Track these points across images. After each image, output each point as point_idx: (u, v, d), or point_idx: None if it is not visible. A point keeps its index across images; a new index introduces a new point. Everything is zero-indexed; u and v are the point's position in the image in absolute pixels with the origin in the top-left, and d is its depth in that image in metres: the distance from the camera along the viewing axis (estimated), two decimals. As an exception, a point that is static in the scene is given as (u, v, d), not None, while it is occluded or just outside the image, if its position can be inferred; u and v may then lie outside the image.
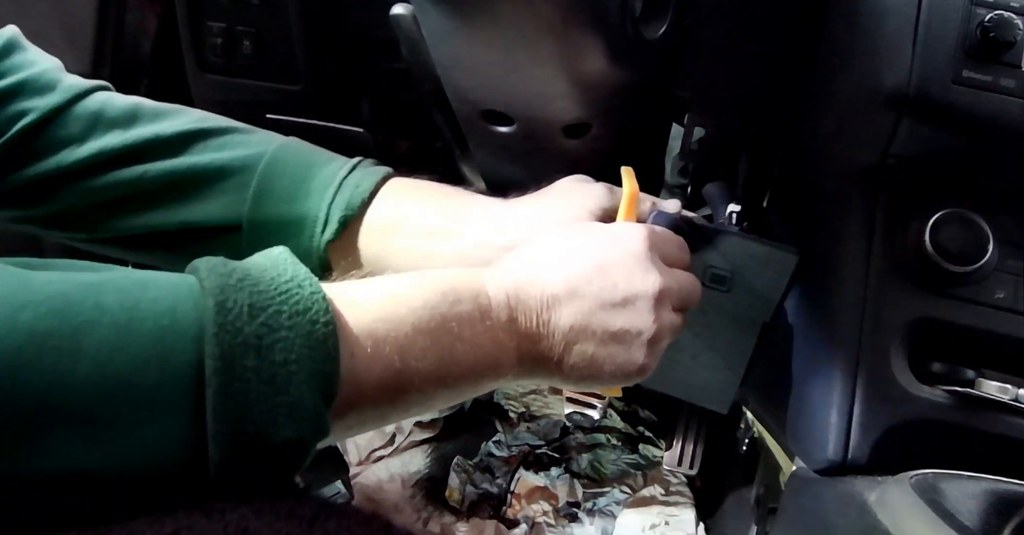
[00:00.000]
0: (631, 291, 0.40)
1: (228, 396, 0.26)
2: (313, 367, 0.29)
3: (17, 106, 0.48)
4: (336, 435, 0.32)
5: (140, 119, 0.50)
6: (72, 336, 0.24)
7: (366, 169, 0.52)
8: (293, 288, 0.30)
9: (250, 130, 0.53)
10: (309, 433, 0.28)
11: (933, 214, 0.45)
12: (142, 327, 0.26)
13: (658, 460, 1.04)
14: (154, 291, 0.27)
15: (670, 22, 0.50)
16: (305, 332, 0.29)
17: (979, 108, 0.44)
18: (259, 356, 0.27)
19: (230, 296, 0.28)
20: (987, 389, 0.43)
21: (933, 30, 0.45)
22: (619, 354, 0.40)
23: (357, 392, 0.32)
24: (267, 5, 0.66)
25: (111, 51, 0.75)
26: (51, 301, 0.25)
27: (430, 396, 0.35)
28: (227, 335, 0.27)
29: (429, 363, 0.34)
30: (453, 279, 0.37)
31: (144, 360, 0.25)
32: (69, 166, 0.48)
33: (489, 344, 0.37)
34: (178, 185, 0.49)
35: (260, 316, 0.28)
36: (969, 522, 0.36)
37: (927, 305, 0.45)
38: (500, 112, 0.51)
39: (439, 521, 0.96)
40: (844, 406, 0.45)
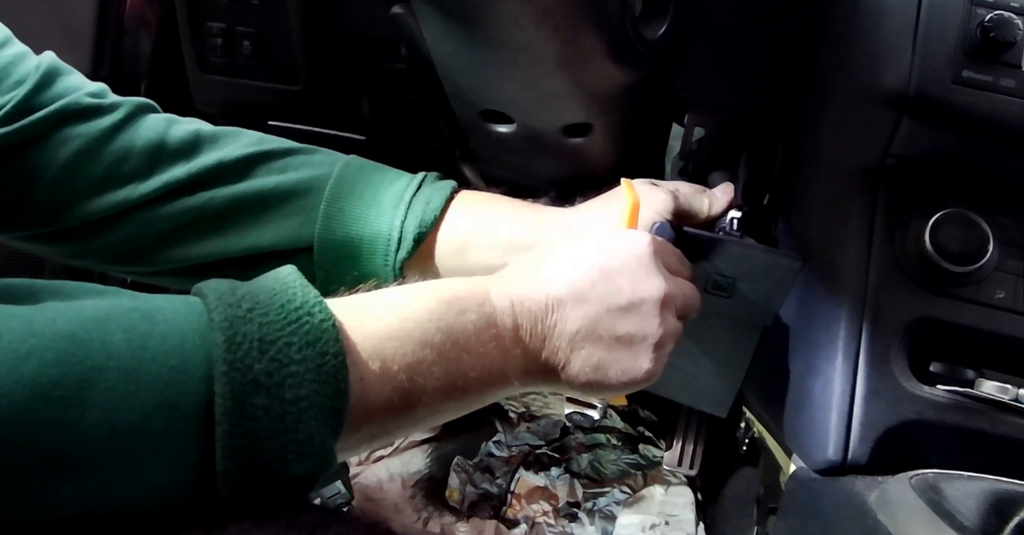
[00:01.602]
0: (637, 295, 0.39)
1: (238, 435, 0.26)
2: (323, 402, 0.28)
3: (62, 133, 0.47)
4: (342, 455, 0.32)
5: (201, 146, 0.50)
6: (79, 386, 0.24)
7: (433, 184, 0.51)
8: (303, 316, 0.29)
9: (311, 150, 0.53)
10: (317, 468, 0.29)
11: (933, 214, 0.45)
12: (150, 370, 0.25)
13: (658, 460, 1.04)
14: (162, 325, 0.27)
15: (670, 22, 0.50)
16: (315, 366, 0.28)
17: (979, 108, 0.44)
18: (269, 395, 0.27)
19: (239, 330, 0.27)
20: (987, 389, 0.43)
21: (933, 30, 0.45)
22: (625, 359, 0.40)
23: (365, 415, 0.31)
24: (267, 5, 0.66)
25: (111, 51, 0.75)
26: (56, 346, 0.24)
27: (437, 410, 0.35)
28: (237, 374, 0.26)
29: (437, 378, 0.34)
30: (457, 288, 0.37)
31: (153, 406, 0.25)
32: (135, 200, 0.48)
33: (495, 353, 0.37)
34: (244, 210, 0.49)
35: (270, 351, 0.28)
36: (969, 522, 0.36)
37: (927, 305, 0.45)
38: (500, 112, 0.51)
39: (439, 521, 0.96)
40: (844, 406, 0.45)
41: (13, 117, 0.46)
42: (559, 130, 0.52)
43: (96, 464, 0.24)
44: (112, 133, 0.48)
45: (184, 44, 0.70)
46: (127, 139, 0.48)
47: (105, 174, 0.48)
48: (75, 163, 0.47)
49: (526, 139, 0.53)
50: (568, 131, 0.52)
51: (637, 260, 0.40)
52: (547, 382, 0.40)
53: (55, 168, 0.47)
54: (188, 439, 0.26)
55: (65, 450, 0.24)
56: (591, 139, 0.53)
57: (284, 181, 0.49)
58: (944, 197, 0.46)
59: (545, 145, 0.53)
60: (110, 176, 0.48)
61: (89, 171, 0.47)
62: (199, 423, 0.26)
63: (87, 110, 0.48)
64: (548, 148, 0.54)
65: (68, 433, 0.24)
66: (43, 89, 0.47)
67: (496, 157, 0.59)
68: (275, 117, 0.71)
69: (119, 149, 0.48)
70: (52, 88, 0.48)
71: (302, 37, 0.67)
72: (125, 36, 0.76)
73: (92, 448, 0.24)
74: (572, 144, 0.53)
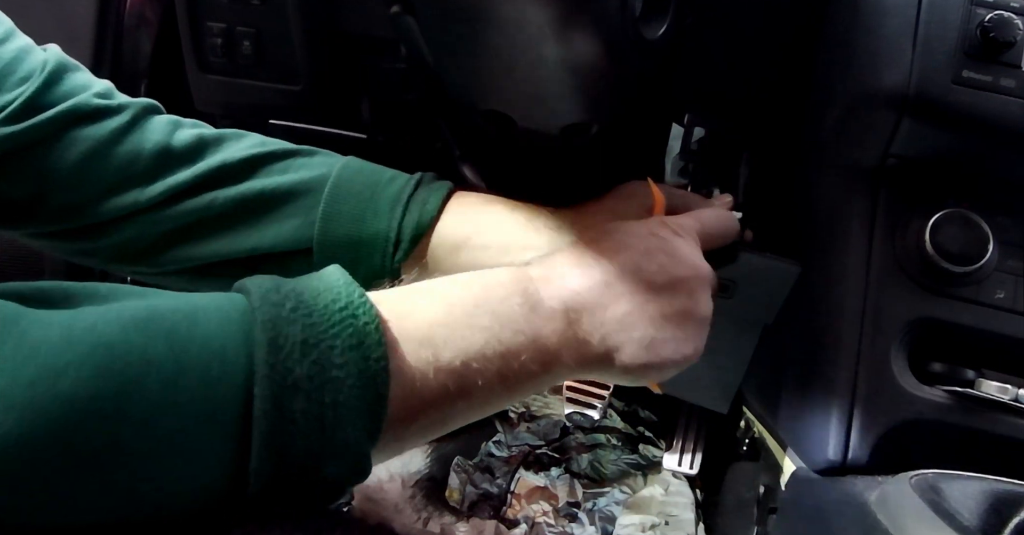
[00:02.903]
0: (681, 274, 0.40)
1: (274, 436, 0.26)
2: (361, 407, 0.28)
3: (71, 135, 0.48)
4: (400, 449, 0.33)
5: (205, 149, 0.51)
6: (116, 398, 0.24)
7: (430, 185, 0.52)
8: (347, 318, 0.29)
9: (311, 151, 0.53)
10: (352, 473, 0.28)
11: (933, 214, 0.45)
12: (191, 379, 0.25)
13: (658, 460, 1.04)
14: (204, 327, 0.27)
15: (670, 22, 0.50)
16: (356, 371, 0.28)
17: (979, 108, 0.44)
18: (308, 398, 0.27)
19: (282, 331, 0.27)
20: (987, 389, 0.43)
21: (933, 30, 0.45)
22: (677, 337, 0.40)
23: (419, 406, 0.31)
24: (267, 5, 0.66)
25: (111, 51, 0.75)
26: (94, 357, 0.24)
27: (492, 397, 0.35)
28: (278, 376, 0.26)
29: (490, 361, 0.34)
30: (500, 275, 0.37)
31: (193, 416, 0.25)
32: (144, 203, 0.48)
33: (547, 335, 0.36)
34: (246, 211, 0.50)
35: (312, 353, 0.27)
36: (969, 522, 0.36)
37: (927, 305, 0.45)
38: (500, 112, 0.51)
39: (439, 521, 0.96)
40: (844, 406, 0.45)
41: (21, 115, 0.46)
42: (559, 130, 0.52)
43: (132, 475, 0.24)
44: (120, 136, 0.49)
45: (184, 44, 0.70)
46: (135, 142, 0.49)
47: (115, 177, 0.48)
48: (86, 165, 0.48)
49: (526, 139, 0.53)
50: (568, 131, 0.52)
51: (677, 242, 0.41)
52: (601, 366, 0.39)
53: (67, 169, 0.48)
54: (225, 441, 0.26)
55: (101, 464, 0.23)
56: (591, 139, 0.53)
57: (284, 182, 0.50)
58: (944, 197, 0.46)
59: (545, 145, 0.53)
60: (120, 179, 0.48)
61: (99, 174, 0.48)
62: (237, 425, 0.26)
63: (95, 112, 0.49)
64: (548, 148, 0.54)
65: (104, 446, 0.23)
66: (51, 87, 0.48)
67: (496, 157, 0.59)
68: (275, 117, 0.71)
69: (128, 152, 0.49)
70: (60, 86, 0.48)
71: (302, 37, 0.67)
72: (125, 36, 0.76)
73: (128, 461, 0.24)
74: (572, 144, 0.53)
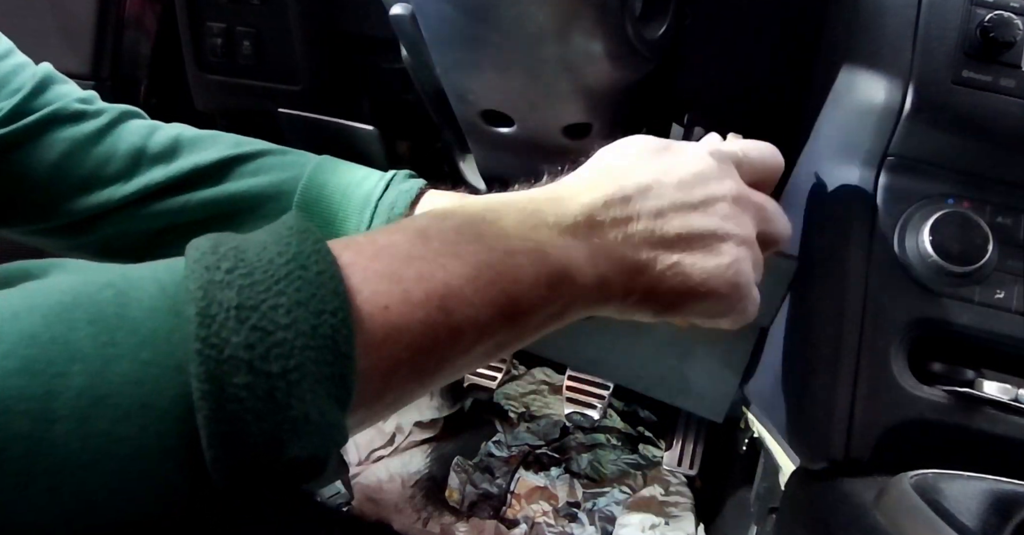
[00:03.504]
0: (708, 193, 0.36)
1: (220, 421, 0.23)
2: (320, 371, 0.25)
3: (51, 136, 0.50)
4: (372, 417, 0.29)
5: (180, 150, 0.52)
6: (44, 397, 0.22)
7: (400, 185, 0.52)
8: (295, 270, 0.25)
9: (283, 151, 0.54)
10: (321, 446, 0.25)
11: (933, 214, 0.45)
12: (119, 369, 0.23)
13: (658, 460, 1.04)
14: (135, 307, 0.24)
15: (670, 22, 0.50)
16: (308, 328, 0.25)
17: (979, 108, 0.44)
18: (251, 371, 0.24)
19: (214, 298, 0.24)
20: (987, 389, 0.43)
21: (933, 30, 0.45)
22: (706, 259, 0.36)
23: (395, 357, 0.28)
24: (267, 5, 0.66)
25: (111, 51, 0.75)
26: (18, 350, 0.22)
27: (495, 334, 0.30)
28: (212, 350, 0.23)
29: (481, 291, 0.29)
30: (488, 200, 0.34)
31: (124, 410, 0.22)
32: (116, 201, 0.50)
33: (555, 256, 0.32)
34: (219, 214, 0.50)
35: (251, 318, 0.24)
36: (969, 522, 0.36)
37: (927, 305, 0.45)
38: (500, 112, 0.51)
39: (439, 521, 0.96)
40: (844, 406, 0.45)
41: (6, 121, 0.49)
42: (559, 130, 0.52)
43: (73, 481, 0.22)
44: (97, 137, 0.51)
45: (184, 44, 0.70)
46: (111, 143, 0.51)
47: (89, 175, 0.50)
48: (62, 164, 0.50)
49: (526, 139, 0.53)
50: (568, 131, 0.52)
51: (704, 162, 0.37)
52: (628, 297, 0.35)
53: (44, 168, 0.49)
54: (165, 434, 0.23)
55: (33, 469, 0.21)
56: (591, 139, 0.53)
57: (256, 185, 0.51)
58: (944, 197, 0.46)
59: (545, 145, 0.53)
60: (94, 178, 0.50)
61: (75, 172, 0.50)
62: (179, 417, 0.23)
63: (75, 114, 0.51)
64: (548, 148, 0.54)
65: (36, 450, 0.21)
66: (37, 95, 0.50)
67: (496, 157, 0.59)
68: (275, 117, 0.71)
69: (103, 152, 0.50)
70: (45, 94, 0.51)
71: (302, 37, 0.67)
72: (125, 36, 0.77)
73: (65, 464, 0.22)
74: (572, 144, 0.53)
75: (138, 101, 0.78)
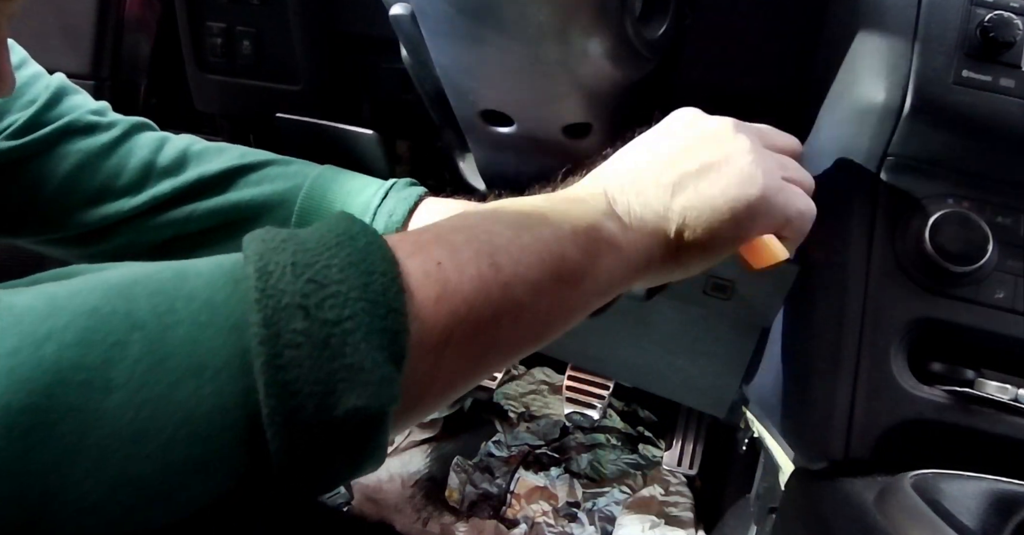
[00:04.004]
0: (709, 127, 0.39)
1: (278, 367, 0.23)
2: (372, 324, 0.25)
3: (64, 148, 0.51)
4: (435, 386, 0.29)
5: (188, 162, 0.53)
6: (101, 366, 0.22)
7: (399, 193, 0.53)
8: (344, 241, 0.27)
9: (287, 161, 0.55)
10: (377, 399, 0.25)
11: (933, 214, 0.45)
12: (177, 334, 0.23)
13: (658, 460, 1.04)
14: (192, 282, 0.25)
15: (670, 22, 0.50)
16: (361, 284, 0.26)
17: (979, 108, 0.44)
18: (308, 317, 0.24)
19: (271, 260, 0.25)
20: (987, 389, 0.43)
21: (933, 30, 0.45)
22: (725, 177, 0.36)
23: (452, 318, 0.28)
24: (267, 5, 0.66)
25: (111, 51, 0.75)
26: (77, 322, 0.22)
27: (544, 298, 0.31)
28: (270, 300, 0.24)
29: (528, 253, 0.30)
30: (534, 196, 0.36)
31: (182, 371, 0.23)
32: (126, 213, 0.51)
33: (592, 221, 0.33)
34: (224, 223, 0.52)
35: (306, 273, 0.25)
36: (969, 522, 0.36)
37: (927, 305, 0.45)
38: (500, 112, 0.51)
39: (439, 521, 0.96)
40: (844, 406, 0.45)
41: (22, 132, 0.50)
42: (559, 130, 0.52)
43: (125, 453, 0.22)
44: (109, 149, 0.52)
45: (184, 44, 0.70)
46: (122, 155, 0.52)
47: (101, 187, 0.51)
48: (75, 176, 0.51)
49: (526, 139, 0.53)
50: (568, 131, 0.52)
51: (691, 113, 0.40)
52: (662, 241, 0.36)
53: (57, 179, 0.51)
54: (224, 397, 0.23)
55: (89, 441, 0.22)
56: (591, 139, 0.53)
57: (259, 194, 0.52)
58: (944, 197, 0.46)
59: (545, 145, 0.53)
60: (105, 190, 0.51)
61: (87, 184, 0.51)
62: (234, 376, 0.23)
63: (88, 127, 0.52)
64: (548, 148, 0.54)
65: (91, 421, 0.22)
66: (51, 107, 0.52)
67: (496, 157, 0.59)
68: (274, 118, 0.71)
69: (115, 165, 0.52)
70: (59, 106, 0.52)
71: (302, 37, 0.67)
72: (125, 36, 0.77)
73: (119, 435, 0.22)
74: (572, 144, 0.53)
75: (138, 101, 0.78)
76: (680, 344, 0.57)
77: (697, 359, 0.57)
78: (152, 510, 0.23)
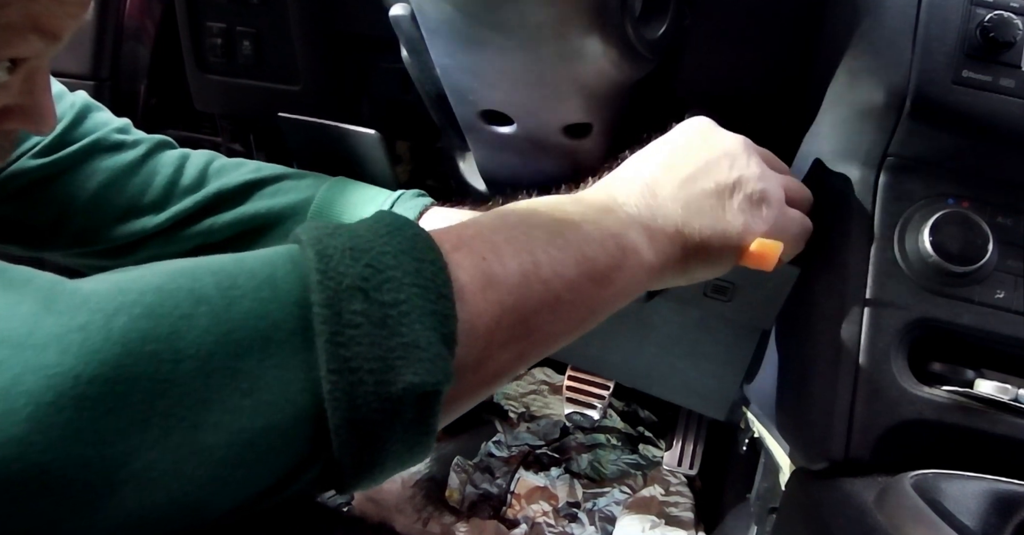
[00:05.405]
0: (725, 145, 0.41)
1: (339, 345, 0.25)
2: (425, 306, 0.27)
3: (91, 165, 0.53)
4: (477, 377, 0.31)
5: (208, 179, 0.55)
6: (169, 337, 0.23)
7: (406, 203, 0.54)
8: (393, 231, 0.29)
9: (300, 174, 0.57)
10: (432, 376, 0.26)
11: (933, 214, 0.45)
12: (241, 307, 0.25)
13: (658, 460, 1.04)
14: (251, 262, 0.26)
15: (670, 22, 0.50)
16: (413, 270, 0.27)
17: (979, 108, 0.44)
18: (367, 298, 0.26)
19: (329, 244, 0.27)
20: (987, 389, 0.43)
21: (933, 30, 0.45)
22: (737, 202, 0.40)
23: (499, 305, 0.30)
24: (267, 5, 0.66)
25: (111, 52, 0.75)
26: (144, 299, 0.24)
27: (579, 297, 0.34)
28: (331, 281, 0.26)
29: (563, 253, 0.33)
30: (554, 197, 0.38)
31: (247, 345, 0.24)
32: (152, 228, 0.53)
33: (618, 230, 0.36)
34: (242, 234, 0.54)
35: (363, 258, 0.27)
36: (969, 522, 0.36)
37: (927, 305, 0.45)
38: (500, 112, 0.51)
39: (439, 521, 0.96)
40: (844, 406, 0.45)
41: (50, 150, 0.52)
42: (559, 130, 0.52)
43: (192, 422, 0.23)
44: (135, 168, 0.54)
45: (184, 44, 0.70)
46: (147, 174, 0.54)
47: (128, 205, 0.54)
48: (103, 193, 0.53)
49: (526, 139, 0.53)
50: (568, 131, 0.52)
51: (706, 125, 0.43)
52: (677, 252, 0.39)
53: (86, 197, 0.53)
54: (286, 371, 0.25)
55: (159, 409, 0.22)
56: (591, 139, 0.53)
57: (274, 205, 0.54)
58: (944, 197, 0.46)
59: (545, 145, 0.53)
60: (132, 207, 0.54)
61: (115, 202, 0.53)
62: (297, 348, 0.25)
63: (114, 145, 0.54)
64: (548, 148, 0.54)
65: (160, 390, 0.23)
66: (77, 125, 0.54)
67: (496, 157, 0.59)
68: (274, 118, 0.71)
69: (140, 183, 0.54)
70: (84, 124, 0.54)
71: (302, 37, 0.67)
72: (125, 36, 0.77)
73: (186, 403, 0.23)
74: (572, 144, 0.53)
75: (138, 101, 0.78)
76: (680, 346, 0.57)
77: (697, 361, 0.57)
78: (215, 487, 0.24)
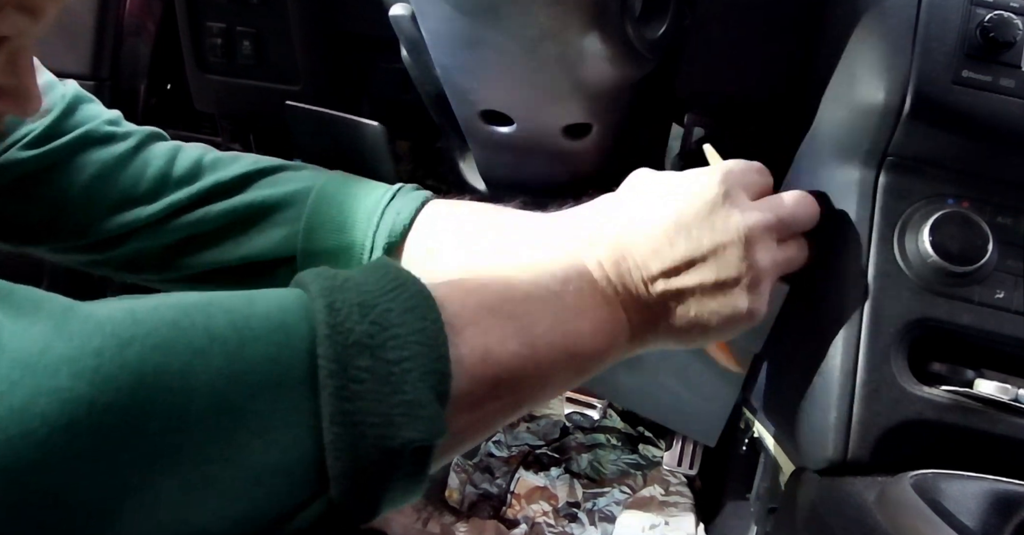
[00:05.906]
0: (716, 241, 0.39)
1: (344, 399, 0.26)
2: (426, 365, 0.28)
3: (82, 158, 0.52)
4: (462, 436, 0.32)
5: (202, 173, 0.55)
6: (182, 372, 0.23)
7: (407, 195, 0.53)
8: (398, 286, 0.30)
9: (300, 167, 0.56)
10: (428, 433, 0.28)
11: (933, 214, 0.45)
12: (255, 350, 0.25)
13: (658, 460, 1.04)
14: (263, 305, 0.27)
15: (670, 22, 0.50)
16: (416, 329, 0.28)
17: (979, 108, 0.44)
18: (372, 356, 0.27)
19: (338, 297, 0.28)
20: (987, 389, 0.43)
21: (933, 30, 0.45)
22: (723, 306, 0.40)
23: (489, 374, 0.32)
24: (267, 5, 0.66)
25: (111, 51, 0.75)
26: (158, 332, 0.24)
27: (559, 372, 0.36)
28: (339, 336, 0.27)
29: (553, 332, 0.35)
30: (554, 260, 0.39)
31: (260, 386, 0.25)
32: (144, 220, 0.52)
33: (605, 314, 0.38)
34: (237, 222, 0.53)
35: (370, 314, 0.28)
36: (969, 522, 0.36)
37: (927, 305, 0.45)
38: (500, 112, 0.51)
39: (439, 521, 0.96)
40: (844, 406, 0.45)
41: (40, 142, 0.51)
42: (559, 130, 0.52)
43: (202, 456, 0.24)
44: (126, 160, 0.53)
45: (183, 44, 0.70)
46: (139, 166, 0.54)
47: (120, 197, 0.53)
48: (94, 186, 0.52)
49: (526, 139, 0.53)
50: (568, 131, 0.52)
51: (710, 205, 0.40)
52: (656, 340, 0.41)
53: (77, 190, 0.52)
54: (294, 411, 0.25)
55: (171, 442, 0.23)
56: (591, 139, 0.53)
57: (272, 194, 0.53)
58: (944, 197, 0.46)
59: (545, 145, 0.53)
60: (124, 199, 0.53)
61: (107, 194, 0.52)
62: (305, 397, 0.26)
63: (105, 137, 0.53)
64: (548, 148, 0.54)
65: (173, 424, 0.23)
66: (67, 116, 0.53)
67: (496, 157, 0.59)
68: (275, 117, 0.71)
69: (132, 175, 0.53)
70: (75, 116, 0.53)
71: (302, 37, 0.67)
72: (125, 36, 0.77)
73: (197, 438, 0.23)
74: (572, 144, 0.53)
75: (138, 101, 0.78)
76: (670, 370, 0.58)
77: (692, 384, 0.57)
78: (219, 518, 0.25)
